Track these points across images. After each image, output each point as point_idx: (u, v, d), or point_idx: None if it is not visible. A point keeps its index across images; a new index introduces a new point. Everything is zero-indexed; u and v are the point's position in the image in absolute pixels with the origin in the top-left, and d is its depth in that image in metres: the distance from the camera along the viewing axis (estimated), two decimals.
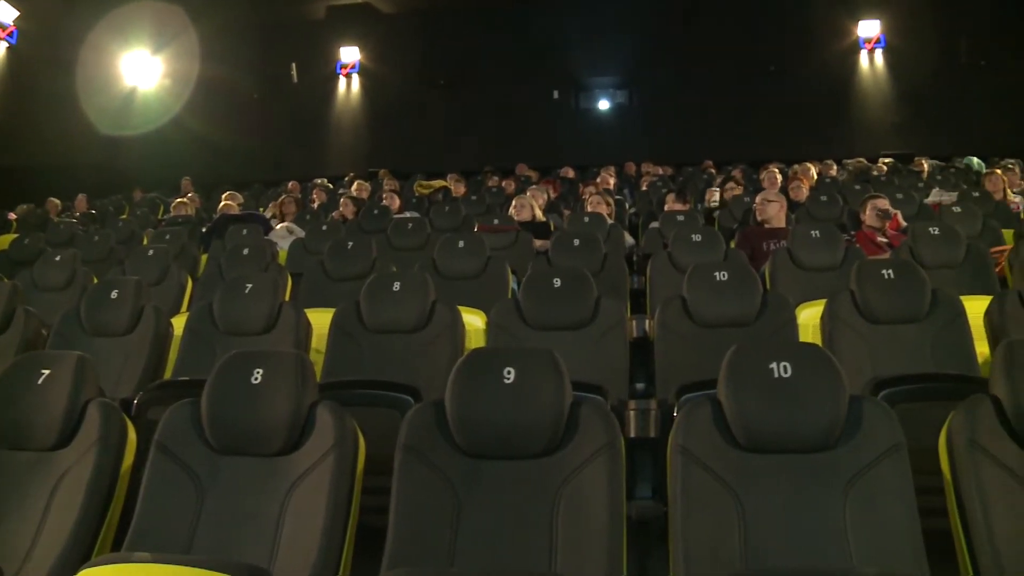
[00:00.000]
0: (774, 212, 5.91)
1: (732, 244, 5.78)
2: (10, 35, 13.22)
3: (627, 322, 4.01)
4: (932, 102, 14.15)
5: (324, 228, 6.69)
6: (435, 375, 3.48)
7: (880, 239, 5.45)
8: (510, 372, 2.35)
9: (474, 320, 4.02)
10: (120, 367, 4.03)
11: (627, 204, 9.09)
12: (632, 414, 3.15)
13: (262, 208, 9.80)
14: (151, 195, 12.46)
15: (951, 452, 2.24)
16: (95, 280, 5.29)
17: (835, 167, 11.12)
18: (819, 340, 3.71)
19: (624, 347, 3.80)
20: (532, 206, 6.82)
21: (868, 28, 15.02)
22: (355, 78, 16.34)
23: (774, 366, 2.28)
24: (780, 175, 8.73)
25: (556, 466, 2.30)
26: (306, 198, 10.08)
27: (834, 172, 10.79)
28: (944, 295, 3.67)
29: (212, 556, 2.24)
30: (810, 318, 3.87)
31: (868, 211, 5.65)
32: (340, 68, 16.28)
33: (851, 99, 15.13)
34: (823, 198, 7.15)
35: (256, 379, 2.47)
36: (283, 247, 6.61)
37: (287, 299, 4.63)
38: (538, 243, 6.02)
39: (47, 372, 2.68)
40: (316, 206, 9.32)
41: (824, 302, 3.78)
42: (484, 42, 15.12)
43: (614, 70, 15.52)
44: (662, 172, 11.93)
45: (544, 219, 6.86)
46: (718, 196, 7.81)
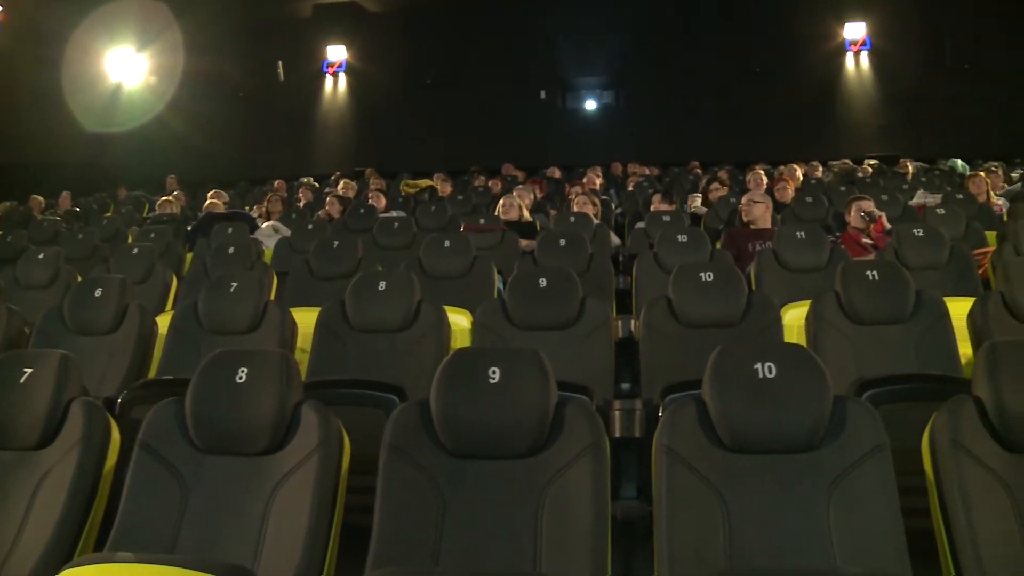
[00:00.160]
0: (760, 213, 5.93)
1: (718, 245, 5.79)
2: None
3: (613, 322, 4.01)
4: (917, 104, 14.24)
5: (310, 227, 6.67)
6: (420, 375, 3.47)
7: (865, 240, 5.47)
8: (495, 372, 2.35)
9: (460, 320, 4.02)
10: (104, 366, 4.00)
11: (613, 204, 9.10)
12: (617, 414, 3.15)
13: (248, 207, 9.77)
14: (136, 193, 12.38)
15: (934, 452, 2.25)
16: (79, 278, 5.25)
17: (820, 168, 11.16)
18: (804, 341, 3.72)
19: (609, 347, 3.81)
20: (520, 206, 6.82)
21: (854, 30, 15.09)
22: (342, 77, 16.30)
23: (759, 367, 2.28)
24: (766, 176, 8.76)
25: (541, 466, 2.30)
26: (292, 197, 10.05)
27: (819, 173, 10.83)
28: (928, 296, 3.69)
29: (196, 556, 2.23)
30: (795, 319, 3.88)
31: (853, 212, 5.68)
32: (327, 67, 16.22)
33: (837, 101, 15.21)
34: (808, 199, 7.18)
35: (241, 378, 2.46)
36: (269, 246, 6.59)
37: (272, 298, 4.62)
38: (524, 243, 6.02)
39: (30, 371, 2.66)
40: (302, 205, 9.30)
41: (809, 303, 3.79)
42: (471, 42, 15.11)
43: (601, 71, 15.53)
44: (648, 172, 11.94)
45: (531, 219, 6.86)
46: (699, 201, 7.83)
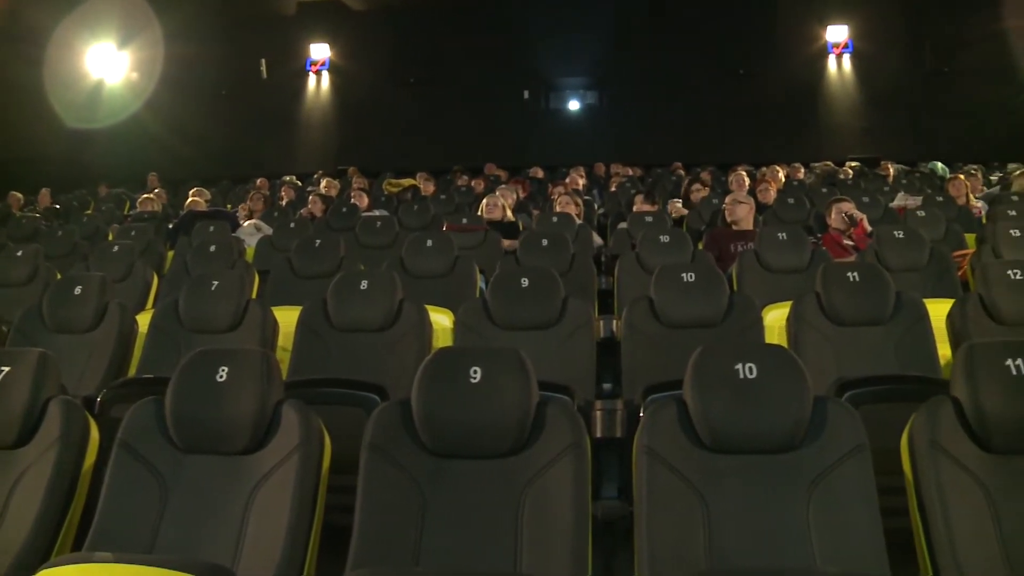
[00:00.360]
0: (744, 214, 5.95)
1: (700, 245, 5.81)
2: None
3: (594, 322, 4.01)
4: (898, 107, 14.35)
5: (292, 226, 6.66)
6: (402, 374, 3.47)
7: (846, 242, 5.51)
8: (476, 371, 2.35)
9: (441, 319, 4.02)
10: (83, 364, 3.97)
11: (596, 205, 9.13)
12: (598, 414, 3.17)
13: (229, 205, 9.72)
14: (117, 190, 12.29)
15: (912, 453, 2.27)
16: (58, 276, 5.22)
17: (802, 170, 11.23)
18: (785, 341, 3.74)
19: (591, 347, 3.81)
20: (503, 206, 6.82)
21: (836, 33, 15.18)
22: (325, 75, 16.24)
23: (740, 367, 2.29)
24: (748, 177, 8.80)
25: (522, 466, 2.30)
26: (275, 195, 10.02)
27: (801, 175, 10.90)
28: (908, 298, 3.72)
29: (175, 556, 2.22)
30: (776, 319, 3.90)
31: (833, 214, 5.71)
32: (310, 65, 16.16)
33: (819, 103, 15.29)
34: (790, 201, 7.22)
35: (221, 377, 2.45)
36: (250, 244, 6.57)
37: (254, 297, 4.60)
38: (506, 243, 6.02)
39: (7, 369, 2.63)
40: (284, 203, 9.28)
41: (790, 304, 3.81)
42: (455, 41, 15.08)
43: (584, 71, 15.56)
44: (631, 173, 11.98)
45: (513, 219, 6.87)
46: (680, 204, 7.86)
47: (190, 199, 8.64)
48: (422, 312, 3.87)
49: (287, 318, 4.02)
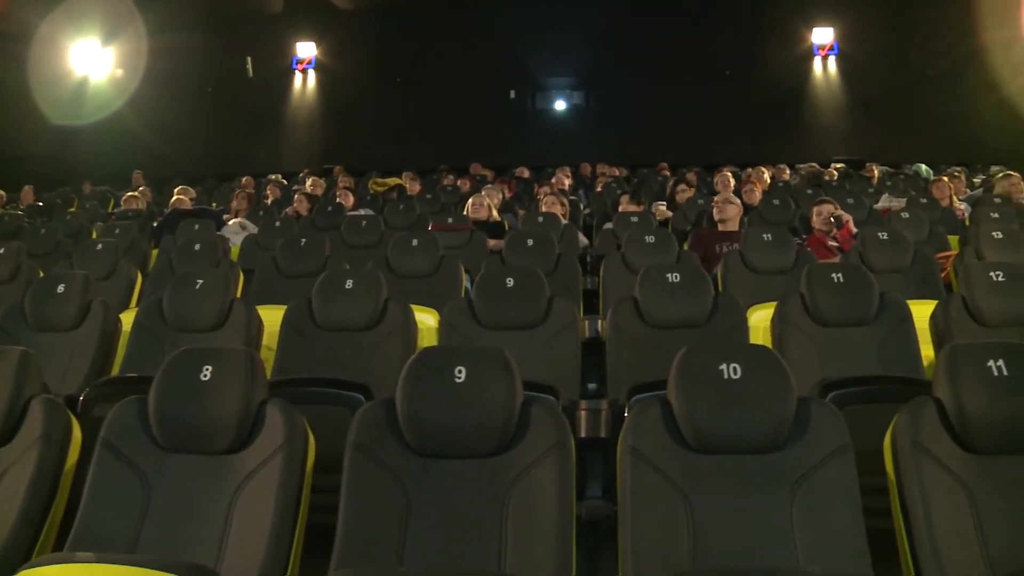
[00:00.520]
0: (733, 214, 5.95)
1: (685, 246, 5.82)
2: None
3: (579, 322, 4.01)
4: (883, 109, 14.41)
5: (277, 224, 6.64)
6: (387, 374, 3.46)
7: (831, 243, 5.53)
8: (461, 371, 2.35)
9: (426, 319, 4.01)
10: (66, 363, 3.95)
11: (582, 205, 9.13)
12: (583, 414, 3.17)
13: (215, 203, 9.68)
14: (101, 188, 12.21)
15: (895, 453, 2.28)
16: (41, 274, 5.18)
17: (788, 171, 11.26)
18: (769, 342, 3.75)
19: (576, 347, 3.81)
20: (489, 206, 6.82)
21: (822, 35, 15.26)
22: (311, 74, 16.21)
23: (724, 367, 2.30)
24: (733, 178, 8.82)
25: (506, 465, 2.30)
26: (260, 194, 9.99)
27: (787, 176, 10.93)
28: (891, 299, 3.74)
29: (158, 555, 2.21)
30: (761, 320, 3.91)
31: (816, 216, 5.74)
32: (296, 63, 16.13)
33: (804, 105, 15.37)
34: (776, 202, 7.24)
35: (205, 376, 2.44)
36: (235, 243, 6.54)
37: (239, 296, 4.58)
38: (492, 243, 6.01)
39: None
40: (270, 202, 9.25)
41: (775, 304, 3.82)
42: (441, 41, 15.07)
43: (571, 71, 15.58)
44: (617, 173, 12.00)
45: (499, 219, 6.86)
46: (664, 207, 7.87)
47: (175, 197, 8.61)
48: (407, 312, 3.86)
49: (272, 317, 4.01)
